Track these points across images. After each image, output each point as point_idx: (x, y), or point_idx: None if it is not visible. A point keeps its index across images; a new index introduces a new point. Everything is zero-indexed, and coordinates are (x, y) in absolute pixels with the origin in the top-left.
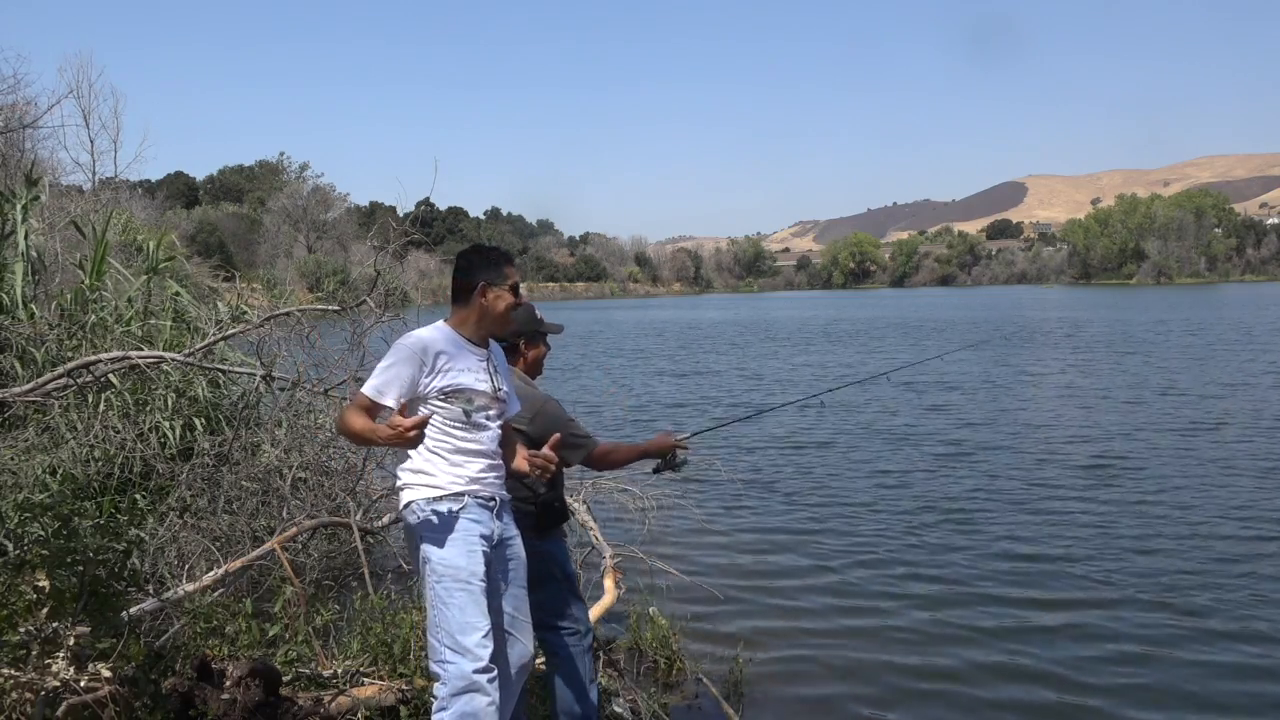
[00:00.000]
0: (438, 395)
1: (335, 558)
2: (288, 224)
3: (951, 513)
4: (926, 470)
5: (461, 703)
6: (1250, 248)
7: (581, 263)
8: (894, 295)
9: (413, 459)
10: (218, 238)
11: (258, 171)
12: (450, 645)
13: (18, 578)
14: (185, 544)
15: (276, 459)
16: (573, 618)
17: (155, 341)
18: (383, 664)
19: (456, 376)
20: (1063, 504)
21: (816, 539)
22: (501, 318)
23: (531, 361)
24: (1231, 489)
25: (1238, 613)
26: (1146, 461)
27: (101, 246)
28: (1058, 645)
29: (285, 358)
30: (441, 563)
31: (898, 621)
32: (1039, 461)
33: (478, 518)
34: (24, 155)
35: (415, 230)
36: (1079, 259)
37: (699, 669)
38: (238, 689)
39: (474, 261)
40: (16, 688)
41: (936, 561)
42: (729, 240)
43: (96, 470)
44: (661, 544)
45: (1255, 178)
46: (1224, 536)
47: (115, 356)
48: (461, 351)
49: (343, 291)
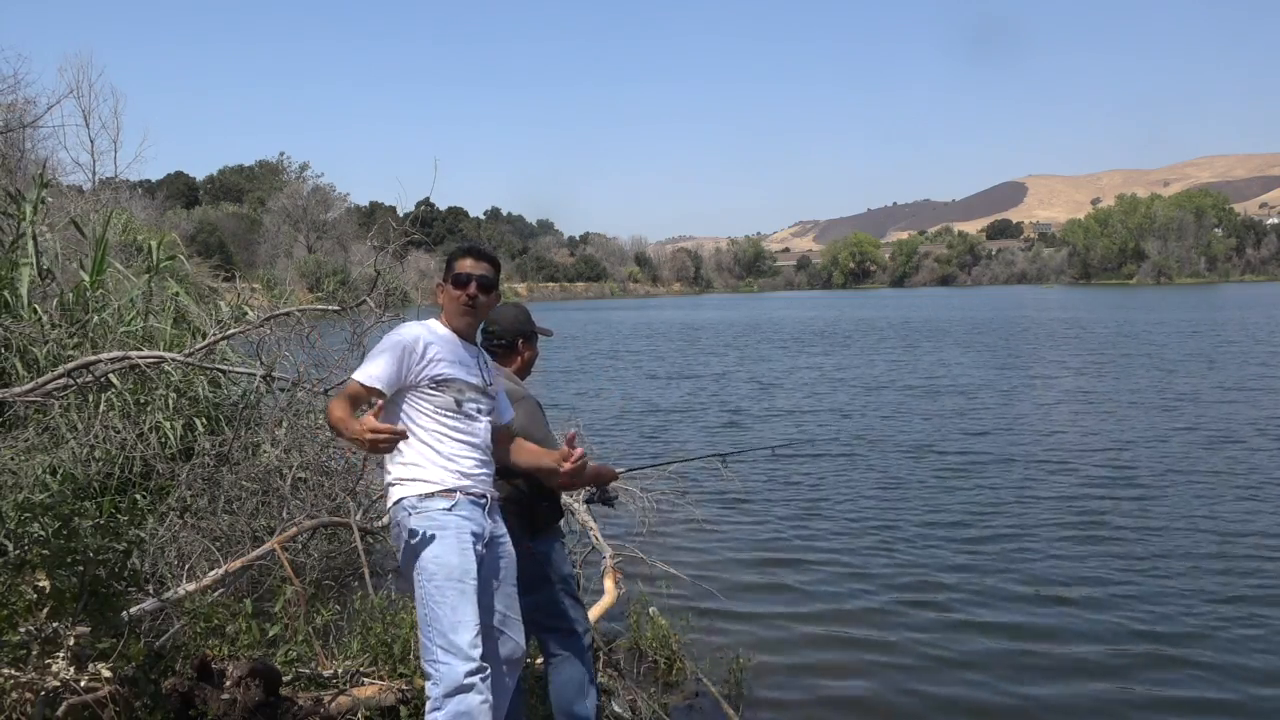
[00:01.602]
0: (428, 384)
1: (335, 558)
2: (288, 224)
3: (953, 516)
4: (928, 474)
5: (455, 702)
6: (1250, 248)
7: (581, 263)
8: (894, 295)
9: (404, 452)
10: (218, 238)
11: (258, 171)
12: (442, 644)
13: (18, 578)
14: (185, 544)
15: (276, 459)
16: (570, 619)
17: (156, 341)
18: (383, 664)
19: (447, 368)
20: (1068, 506)
21: (816, 539)
22: (451, 309)
23: (526, 361)
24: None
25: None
26: (1161, 474)
27: (102, 245)
28: (1059, 647)
29: (285, 358)
30: (433, 561)
31: (898, 622)
32: (1044, 465)
33: (469, 515)
34: (24, 155)
35: (415, 230)
36: (1079, 259)
37: (699, 669)
38: (238, 689)
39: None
40: (16, 688)
41: (937, 563)
42: (729, 240)
43: (96, 470)
44: (661, 544)
45: (1255, 178)
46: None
47: (115, 356)
48: (452, 345)
49: (343, 291)
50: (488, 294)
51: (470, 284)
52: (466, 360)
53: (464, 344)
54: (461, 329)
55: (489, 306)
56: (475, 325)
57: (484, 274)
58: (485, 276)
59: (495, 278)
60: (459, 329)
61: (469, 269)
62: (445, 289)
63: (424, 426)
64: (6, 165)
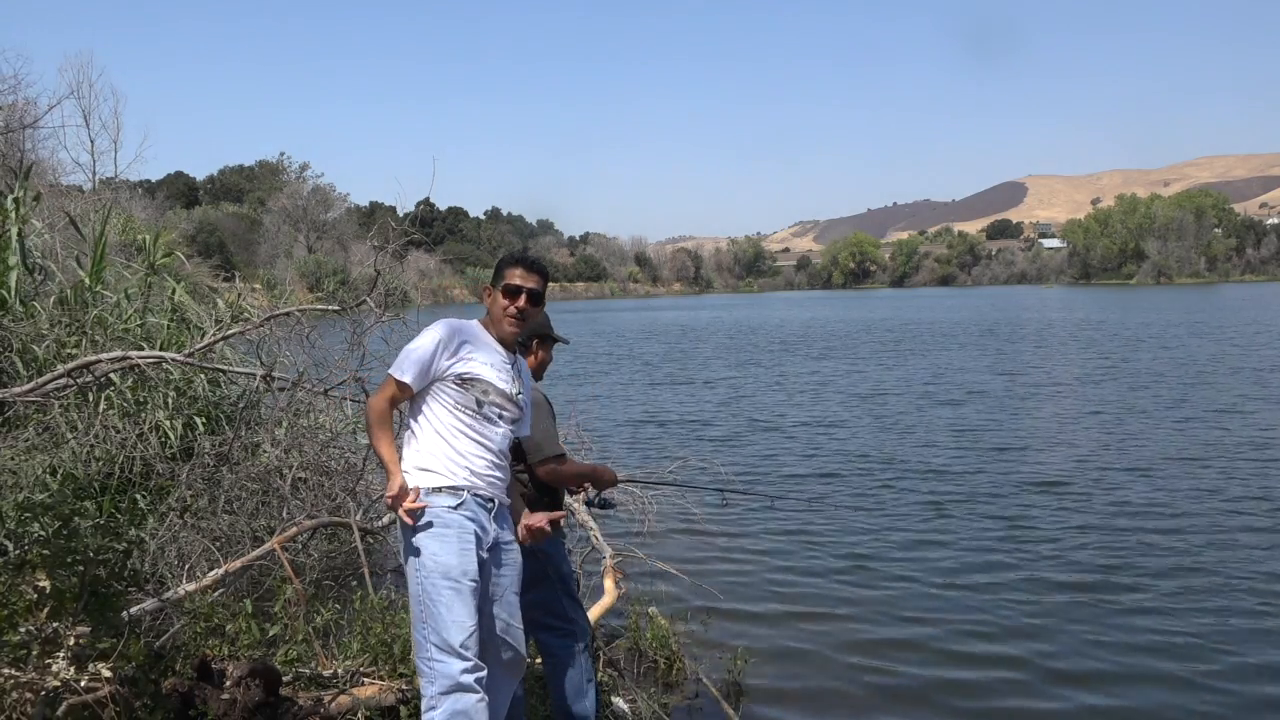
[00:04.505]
0: (454, 379)
1: (335, 558)
2: (288, 224)
3: (954, 516)
4: (929, 474)
5: (451, 701)
6: (1250, 248)
7: (581, 263)
8: (894, 295)
9: (417, 439)
10: (218, 238)
11: (258, 171)
12: (437, 644)
13: (18, 578)
14: (185, 544)
15: (276, 459)
16: (567, 618)
17: (155, 340)
18: (383, 664)
19: (476, 367)
20: (1071, 508)
21: (816, 539)
22: (497, 316)
23: (539, 363)
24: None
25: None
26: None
27: (101, 243)
28: (1061, 648)
29: (285, 358)
30: (432, 559)
31: (898, 622)
32: (1049, 466)
33: (474, 516)
34: (24, 156)
35: (415, 230)
36: (1079, 259)
37: (699, 669)
38: (238, 689)
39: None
40: (17, 688)
41: (937, 563)
42: (729, 240)
43: (96, 470)
44: (661, 544)
45: (1255, 178)
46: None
47: (115, 356)
48: (486, 347)
49: (343, 291)
50: (536, 306)
51: (521, 296)
52: (500, 365)
53: (502, 350)
54: (504, 337)
55: (535, 317)
56: (518, 335)
57: (535, 287)
58: (536, 290)
59: (544, 290)
60: (502, 336)
61: (520, 280)
62: (494, 295)
63: (442, 421)
64: (7, 165)
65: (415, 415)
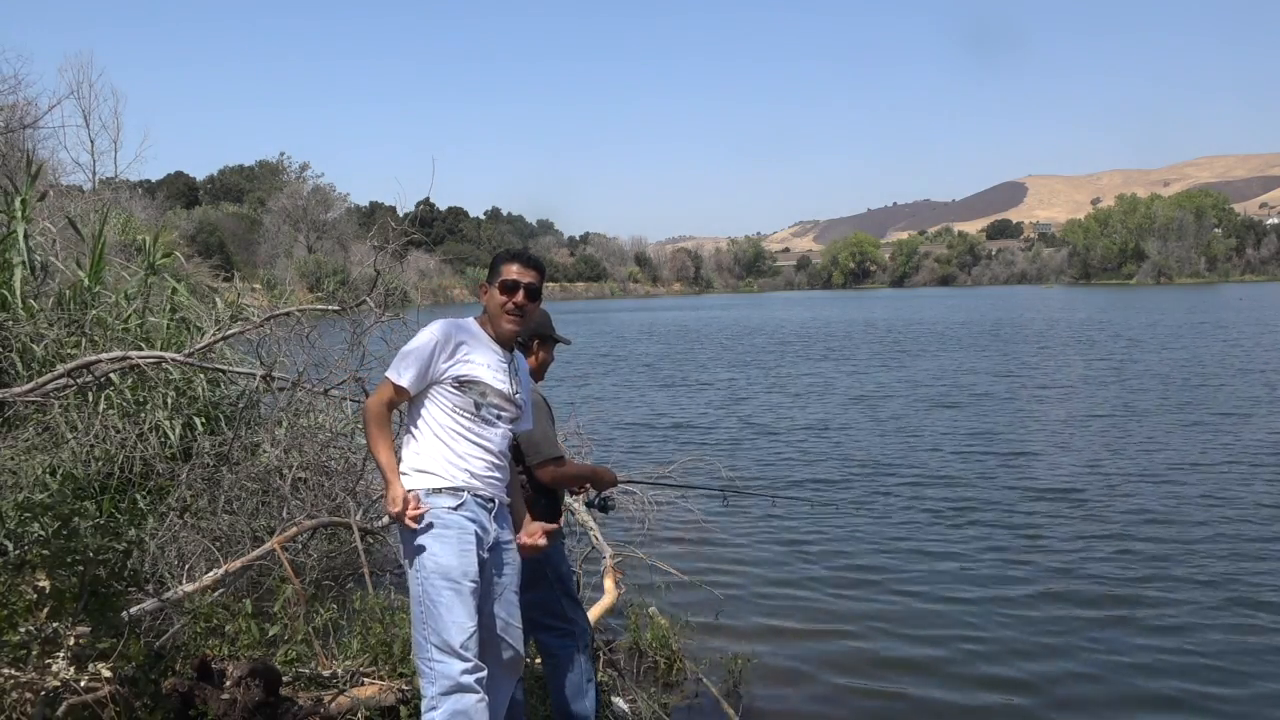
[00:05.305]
0: (452, 382)
1: (335, 558)
2: (288, 224)
3: (954, 516)
4: (930, 474)
5: (451, 701)
6: (1250, 248)
7: (581, 263)
8: (894, 295)
9: (416, 441)
10: (218, 238)
11: (258, 171)
12: (437, 644)
13: (18, 578)
14: (185, 544)
15: (276, 459)
16: (567, 618)
17: (154, 340)
18: (383, 664)
19: (474, 369)
20: (1080, 518)
21: (816, 539)
22: (495, 313)
23: (540, 364)
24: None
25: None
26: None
27: (100, 243)
28: (1062, 649)
29: (285, 358)
30: (431, 559)
31: (897, 622)
32: (1056, 473)
33: (474, 516)
34: (24, 155)
35: (415, 230)
36: (1079, 259)
37: (699, 669)
38: (238, 689)
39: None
40: (16, 688)
41: (937, 562)
42: (729, 240)
43: (96, 470)
44: (661, 544)
45: (1255, 178)
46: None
47: (115, 356)
48: (483, 347)
49: (343, 291)
50: (534, 301)
51: (518, 291)
52: (497, 365)
53: (499, 349)
54: (502, 334)
55: (533, 314)
56: (516, 332)
57: (531, 281)
58: (533, 284)
59: (541, 285)
60: (499, 334)
61: (517, 275)
62: (490, 292)
63: (440, 423)
64: (7, 165)
65: (413, 418)
